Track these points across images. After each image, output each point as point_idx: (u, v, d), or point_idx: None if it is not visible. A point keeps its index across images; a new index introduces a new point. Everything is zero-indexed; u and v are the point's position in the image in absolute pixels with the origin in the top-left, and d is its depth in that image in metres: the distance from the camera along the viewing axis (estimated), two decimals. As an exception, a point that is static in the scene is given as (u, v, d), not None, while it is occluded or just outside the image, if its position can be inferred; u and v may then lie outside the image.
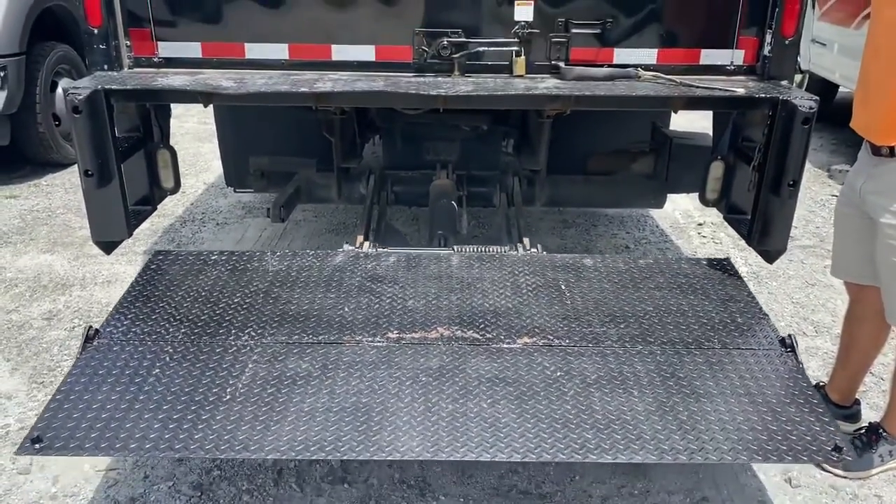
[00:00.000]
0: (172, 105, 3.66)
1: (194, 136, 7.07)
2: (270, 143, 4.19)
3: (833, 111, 7.42)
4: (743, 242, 3.26)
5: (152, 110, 3.43)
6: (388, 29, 3.28)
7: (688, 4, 3.27)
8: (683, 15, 3.28)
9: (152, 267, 3.10)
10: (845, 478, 2.84)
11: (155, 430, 2.17)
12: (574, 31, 3.23)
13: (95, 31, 3.16)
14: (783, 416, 2.26)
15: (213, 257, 3.19)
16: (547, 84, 3.18)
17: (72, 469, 2.82)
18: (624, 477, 2.82)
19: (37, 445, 2.10)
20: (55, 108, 6.03)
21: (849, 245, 2.89)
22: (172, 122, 3.62)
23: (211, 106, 3.41)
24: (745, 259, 4.54)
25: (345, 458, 2.14)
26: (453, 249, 3.34)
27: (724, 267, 3.15)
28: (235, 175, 4.36)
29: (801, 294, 4.20)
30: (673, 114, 3.94)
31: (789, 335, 2.58)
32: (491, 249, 3.37)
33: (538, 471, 2.83)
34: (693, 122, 4.30)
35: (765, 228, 3.04)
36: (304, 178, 4.10)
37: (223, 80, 3.14)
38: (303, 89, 3.04)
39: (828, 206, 5.54)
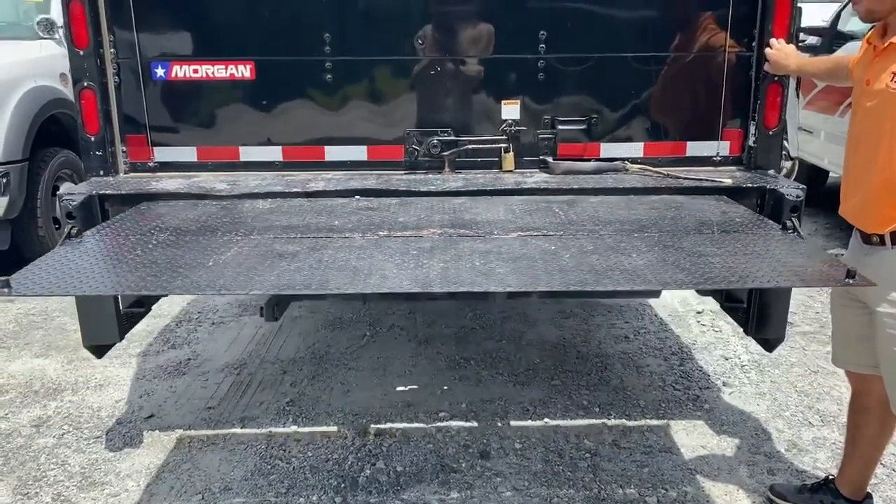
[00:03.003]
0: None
1: (193, 235, 7.13)
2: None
3: (825, 195, 7.51)
4: (743, 330, 3.23)
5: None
6: (379, 129, 3.37)
7: (672, 98, 3.36)
8: (668, 109, 3.37)
9: (142, 207, 3.07)
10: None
11: (130, 280, 2.20)
12: (560, 127, 3.32)
13: (92, 138, 3.24)
14: (791, 262, 2.21)
15: (202, 202, 3.14)
16: (535, 178, 3.24)
17: None
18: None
19: (5, 290, 2.10)
20: (56, 213, 6.11)
21: (847, 334, 2.84)
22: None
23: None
24: (746, 347, 4.48)
25: (331, 292, 2.13)
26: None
27: (720, 198, 3.13)
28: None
29: (805, 382, 4.12)
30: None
31: (791, 219, 2.60)
32: None
33: None
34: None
35: (761, 317, 3.02)
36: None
37: (217, 182, 3.20)
38: (295, 189, 3.10)
39: (826, 291, 5.50)
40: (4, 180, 5.44)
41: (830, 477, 3.05)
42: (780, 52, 3.10)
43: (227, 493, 3.17)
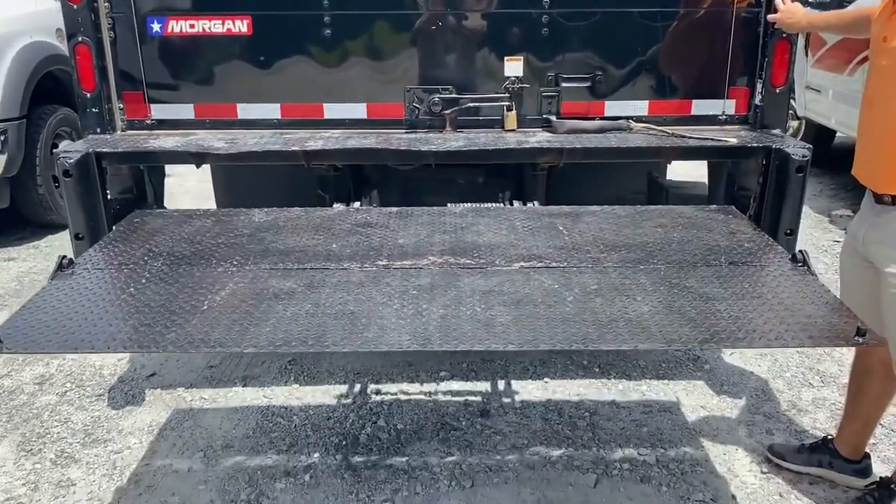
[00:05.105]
0: (172, 165, 3.68)
1: (195, 194, 7.08)
2: (266, 202, 4.17)
3: (832, 156, 7.43)
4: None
5: (145, 171, 3.45)
6: (380, 87, 3.31)
7: (678, 55, 3.29)
8: (674, 66, 3.30)
9: (134, 220, 2.99)
10: (858, 536, 2.73)
11: (124, 333, 2.07)
12: (564, 84, 3.26)
13: (88, 95, 3.19)
14: (799, 312, 2.10)
15: (197, 212, 3.08)
16: (538, 138, 3.19)
17: None
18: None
19: None
20: (55, 171, 6.07)
21: (854, 295, 2.82)
22: (173, 181, 3.63)
23: (208, 165, 3.42)
24: (748, 308, 4.47)
25: (328, 350, 2.03)
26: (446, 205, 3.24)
27: (727, 210, 3.05)
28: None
29: (807, 343, 4.12)
30: (669, 164, 3.94)
31: (801, 251, 2.45)
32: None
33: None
34: (692, 171, 4.28)
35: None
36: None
37: (215, 140, 3.16)
38: (294, 148, 3.05)
39: (830, 252, 5.48)
40: (2, 138, 5.39)
41: (829, 437, 3.06)
42: (786, 12, 3.03)
43: (228, 451, 3.19)
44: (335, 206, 3.32)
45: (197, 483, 3.01)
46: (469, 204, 3.29)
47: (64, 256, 2.52)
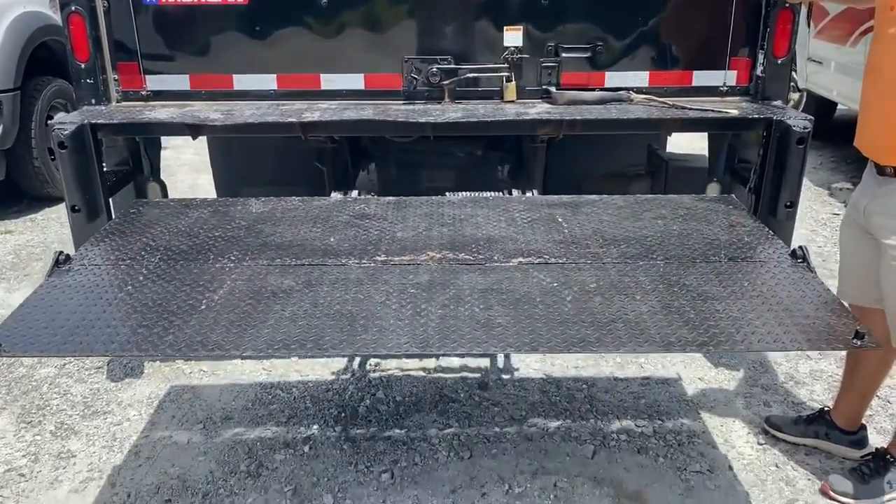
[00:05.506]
0: (168, 137, 3.64)
1: (191, 167, 7.05)
2: (263, 174, 4.16)
3: (832, 129, 7.39)
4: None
5: (141, 143, 3.41)
6: (377, 57, 3.27)
7: (679, 26, 3.25)
8: (675, 37, 3.26)
9: (130, 211, 2.97)
10: (853, 507, 2.75)
11: (122, 335, 2.05)
12: (564, 55, 3.22)
13: (83, 65, 3.16)
14: (798, 312, 2.09)
15: (194, 202, 3.07)
16: (538, 109, 3.15)
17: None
18: (612, 500, 2.74)
19: None
20: (51, 143, 6.03)
21: (853, 266, 2.82)
22: (169, 153, 3.60)
23: (205, 137, 3.38)
24: (747, 281, 4.47)
25: (327, 355, 2.03)
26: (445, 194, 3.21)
27: (727, 200, 3.04)
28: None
29: (805, 315, 4.12)
30: (670, 136, 3.91)
31: (801, 246, 2.45)
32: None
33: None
34: (693, 143, 4.26)
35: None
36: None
37: (211, 112, 3.12)
38: (290, 119, 3.02)
39: (829, 226, 5.48)
40: (-3, 109, 5.35)
41: (826, 408, 3.08)
42: None
43: (227, 423, 3.21)
44: (333, 195, 3.30)
45: (196, 454, 3.02)
46: (468, 193, 3.27)
47: (60, 252, 2.49)
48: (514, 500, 2.76)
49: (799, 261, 2.42)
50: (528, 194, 3.26)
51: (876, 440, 3.02)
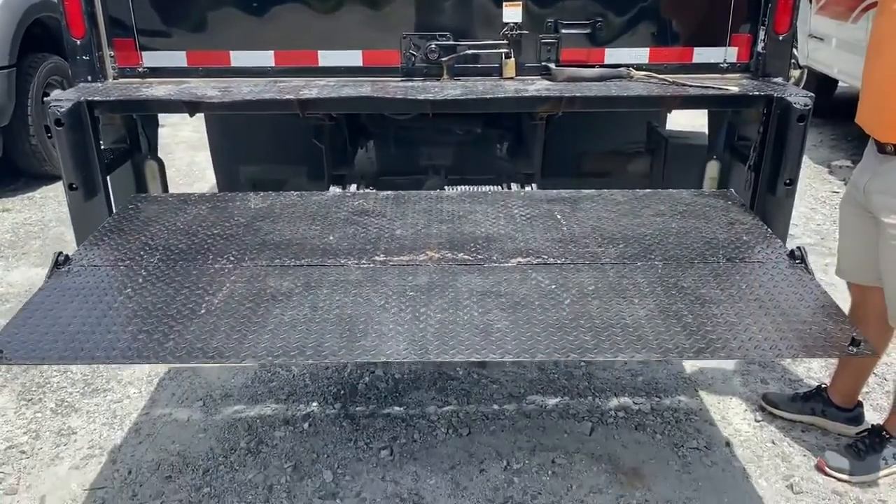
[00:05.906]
0: (165, 114, 3.61)
1: (189, 145, 7.02)
2: (261, 152, 4.14)
3: (833, 106, 7.36)
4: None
5: (138, 121, 3.39)
6: (375, 33, 3.23)
7: (679, 2, 3.21)
8: (675, 13, 3.23)
9: (129, 207, 2.96)
10: (849, 482, 2.78)
11: (123, 341, 2.05)
12: (564, 31, 3.18)
13: (78, 42, 3.12)
14: (795, 317, 2.11)
15: (192, 198, 3.06)
16: (537, 86, 3.13)
17: (60, 489, 2.77)
18: (620, 487, 2.76)
19: None
20: (47, 120, 6.00)
21: (853, 245, 2.83)
22: (166, 130, 3.59)
23: (202, 115, 3.36)
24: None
25: (327, 361, 2.04)
26: (444, 188, 3.21)
27: (726, 196, 3.05)
28: (228, 184, 4.30)
29: (803, 293, 4.13)
30: (669, 113, 3.89)
31: (798, 247, 2.46)
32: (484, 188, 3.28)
33: (534, 482, 2.78)
34: (694, 121, 4.24)
35: (762, 229, 2.98)
36: (294, 187, 4.05)
37: (208, 88, 3.09)
38: (288, 96, 3.00)
39: (829, 203, 5.47)
40: (-8, 86, 5.31)
41: (823, 386, 3.09)
42: None
43: (227, 400, 3.23)
44: (331, 189, 3.30)
45: (196, 431, 3.04)
46: (466, 188, 3.26)
47: (60, 253, 2.48)
48: (513, 476, 2.79)
49: (797, 262, 2.43)
50: (528, 188, 3.26)
51: (872, 417, 3.04)
